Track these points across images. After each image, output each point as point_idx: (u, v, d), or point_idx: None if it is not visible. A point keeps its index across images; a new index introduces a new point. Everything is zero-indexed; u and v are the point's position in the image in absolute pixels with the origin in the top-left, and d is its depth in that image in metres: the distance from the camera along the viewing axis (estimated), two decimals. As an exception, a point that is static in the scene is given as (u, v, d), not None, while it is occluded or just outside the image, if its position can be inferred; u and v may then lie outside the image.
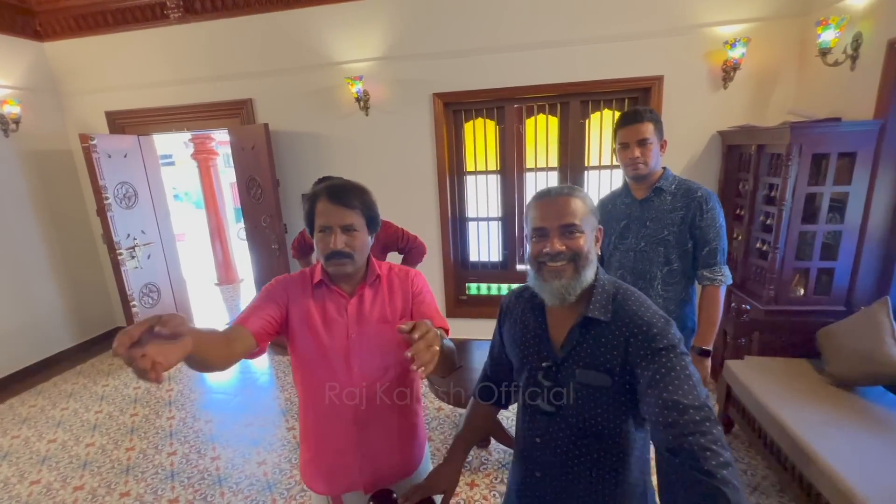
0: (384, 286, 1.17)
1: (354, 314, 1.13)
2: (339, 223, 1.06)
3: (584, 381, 0.90)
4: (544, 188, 0.96)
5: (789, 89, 2.75)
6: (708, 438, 0.70)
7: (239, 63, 3.45)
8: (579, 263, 0.89)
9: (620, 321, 0.88)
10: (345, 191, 1.07)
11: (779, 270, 2.35)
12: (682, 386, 0.76)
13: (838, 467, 1.61)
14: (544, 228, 0.90)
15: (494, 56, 3.08)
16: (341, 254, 1.06)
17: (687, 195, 1.60)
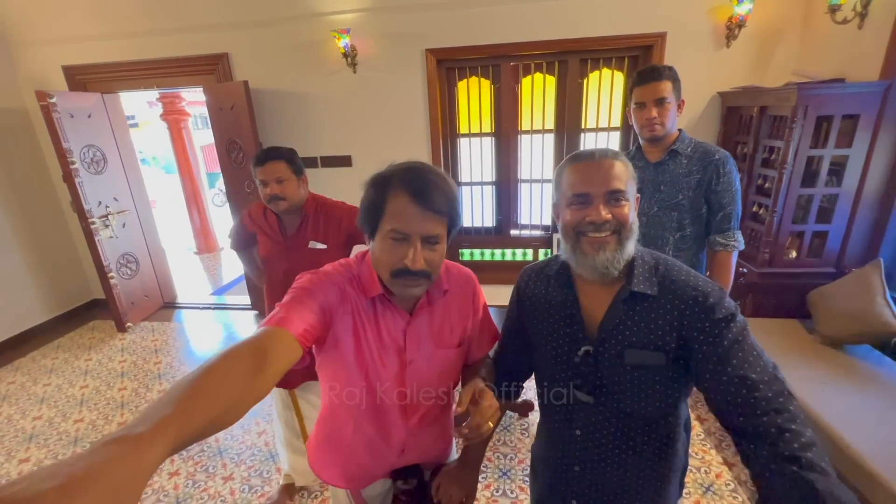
0: (445, 300, 0.97)
1: (414, 338, 0.93)
2: (422, 233, 0.81)
3: (636, 362, 0.82)
4: (583, 150, 0.87)
5: (792, 49, 2.69)
6: (784, 417, 0.65)
7: (213, 13, 3.15)
8: (623, 234, 0.81)
9: (671, 293, 0.81)
10: (433, 188, 0.80)
11: (775, 234, 2.38)
12: (748, 359, 0.71)
13: (832, 422, 1.68)
14: (587, 195, 0.81)
15: (491, 9, 2.90)
16: (418, 274, 0.82)
17: (704, 158, 1.56)
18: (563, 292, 0.91)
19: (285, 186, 1.61)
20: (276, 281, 1.75)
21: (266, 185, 1.60)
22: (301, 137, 3.36)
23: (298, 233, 1.70)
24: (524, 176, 3.41)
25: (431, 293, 0.95)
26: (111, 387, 2.95)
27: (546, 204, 3.44)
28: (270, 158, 1.59)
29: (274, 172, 1.58)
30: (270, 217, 1.73)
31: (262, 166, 1.59)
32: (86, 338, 3.65)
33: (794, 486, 0.60)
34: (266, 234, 1.74)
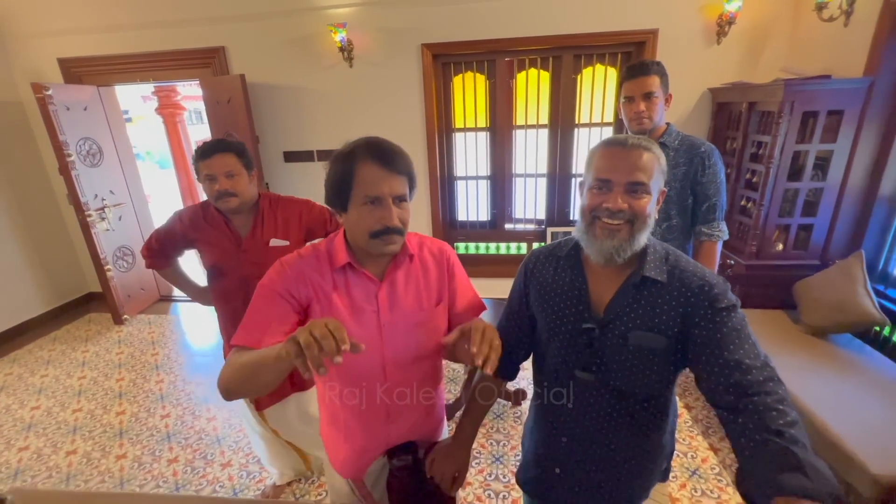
0: (417, 266, 1.02)
1: (386, 301, 0.98)
2: (393, 193, 0.88)
3: (638, 344, 0.87)
4: (618, 136, 0.89)
5: (781, 46, 2.75)
6: (773, 398, 0.70)
7: (210, 6, 3.16)
8: (636, 226, 0.84)
9: (678, 281, 0.86)
10: (393, 153, 0.89)
11: (762, 227, 2.44)
12: (743, 345, 0.76)
13: (815, 408, 1.74)
14: (609, 181, 0.84)
15: (486, 5, 2.93)
16: (394, 230, 0.90)
17: (690, 151, 1.61)
18: (573, 273, 0.94)
19: (236, 182, 1.45)
20: (231, 291, 1.55)
21: (214, 181, 1.43)
22: (297, 131, 3.39)
23: (255, 232, 1.54)
24: (518, 170, 3.45)
25: (398, 258, 0.99)
26: (109, 377, 2.97)
27: (540, 198, 3.49)
28: (219, 151, 1.44)
29: (223, 166, 1.43)
30: (214, 219, 1.54)
31: (209, 159, 1.43)
32: (82, 330, 3.66)
33: (777, 455, 0.65)
34: (211, 240, 1.55)
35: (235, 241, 1.54)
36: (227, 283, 1.56)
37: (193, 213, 1.58)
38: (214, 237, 1.54)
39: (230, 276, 1.55)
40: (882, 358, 2.00)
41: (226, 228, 1.54)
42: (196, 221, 1.56)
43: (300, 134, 3.38)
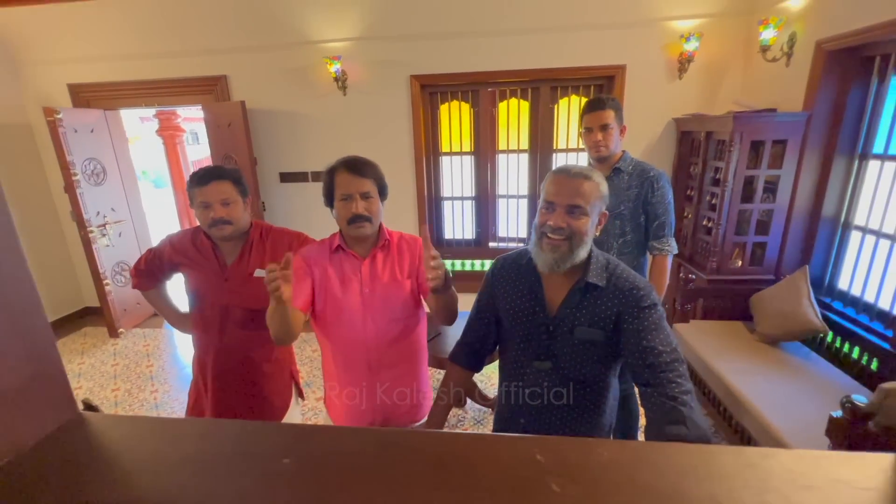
0: (394, 250, 1.34)
1: (368, 274, 1.30)
2: (359, 190, 1.23)
3: (582, 338, 1.04)
4: (566, 165, 1.06)
5: (736, 81, 3.03)
6: (674, 374, 0.92)
7: (213, 38, 3.40)
8: (574, 242, 1.01)
9: (614, 286, 1.04)
10: (360, 163, 1.26)
11: (721, 244, 2.66)
12: (659, 335, 0.97)
13: (761, 407, 1.92)
14: (553, 203, 1.02)
15: (470, 41, 3.20)
16: (362, 217, 1.24)
17: (641, 175, 1.82)
18: (531, 279, 1.12)
19: (231, 209, 1.44)
20: (210, 319, 1.53)
21: (209, 208, 1.41)
22: (293, 153, 3.60)
23: (241, 261, 1.51)
24: (501, 192, 3.68)
25: (378, 244, 1.33)
26: (104, 388, 3.07)
27: (522, 217, 3.70)
28: (215, 178, 1.42)
29: (219, 194, 1.41)
30: (202, 244, 1.53)
31: (205, 186, 1.41)
32: (78, 343, 3.76)
33: (668, 413, 0.88)
34: (196, 265, 1.52)
35: (219, 269, 1.51)
36: (206, 310, 1.53)
37: (182, 237, 1.56)
38: (199, 262, 1.52)
39: (210, 304, 1.52)
40: (825, 363, 2.19)
41: (212, 255, 1.51)
42: (184, 245, 1.54)
43: (296, 156, 3.59)
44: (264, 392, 1.59)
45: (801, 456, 0.32)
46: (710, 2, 2.92)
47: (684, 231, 3.11)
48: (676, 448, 0.33)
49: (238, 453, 0.35)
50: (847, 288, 2.39)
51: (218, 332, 1.52)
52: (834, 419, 1.48)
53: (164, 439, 0.39)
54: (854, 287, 2.35)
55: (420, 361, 1.43)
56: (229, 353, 1.54)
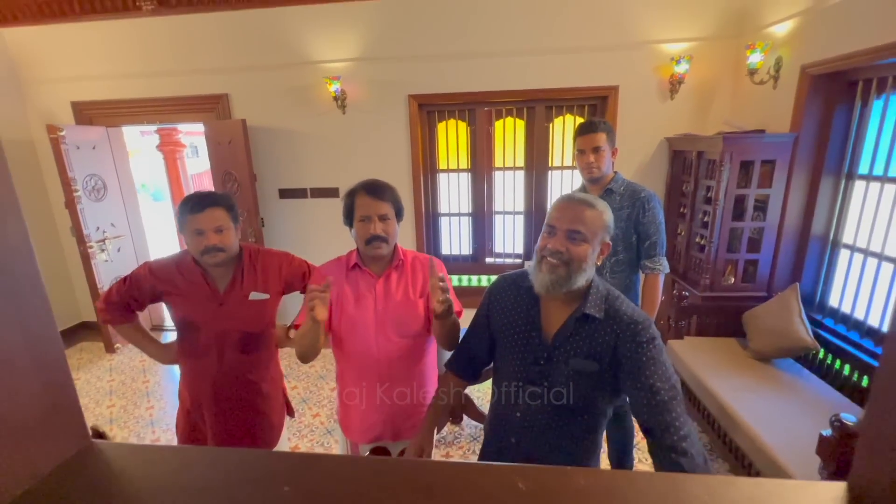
0: (408, 270, 1.41)
1: (382, 292, 1.37)
2: (377, 213, 1.31)
3: (577, 368, 1.04)
4: (572, 193, 1.09)
5: (726, 102, 3.11)
6: (672, 416, 0.93)
7: (215, 58, 3.48)
8: (572, 268, 1.01)
9: (611, 318, 1.03)
10: (378, 187, 1.34)
11: (713, 261, 2.70)
12: (657, 371, 0.97)
13: (754, 425, 1.94)
14: (555, 227, 1.03)
15: (467, 61, 3.28)
16: (379, 238, 1.32)
17: (632, 196, 1.87)
18: (529, 303, 1.12)
19: (225, 236, 1.42)
20: (205, 346, 1.48)
21: (202, 235, 1.38)
22: (292, 170, 3.65)
23: (234, 285, 1.49)
24: (498, 208, 3.73)
25: (393, 263, 1.39)
26: (100, 404, 3.06)
27: (518, 234, 3.75)
28: (210, 205, 1.40)
29: (214, 221, 1.39)
30: (190, 272, 1.47)
31: (200, 213, 1.38)
32: (74, 358, 3.75)
33: (671, 466, 0.91)
34: (185, 293, 1.46)
35: (213, 295, 1.47)
36: (201, 338, 1.48)
37: (165, 265, 1.49)
38: (189, 290, 1.46)
39: (205, 330, 1.48)
40: (817, 380, 2.22)
41: (203, 281, 1.46)
42: (168, 273, 1.47)
43: (295, 172, 3.64)
44: (265, 412, 1.61)
45: (761, 484, 0.35)
46: (699, 26, 3.01)
47: (678, 248, 3.16)
48: (647, 477, 0.35)
49: (244, 480, 0.38)
50: (838, 305, 2.43)
51: (216, 359, 1.51)
52: (824, 438, 1.50)
53: (173, 468, 0.42)
54: (844, 304, 2.39)
55: (429, 378, 1.47)
56: (228, 377, 1.53)
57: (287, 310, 3.97)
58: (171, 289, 1.47)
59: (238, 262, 1.52)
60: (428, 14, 3.22)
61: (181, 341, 1.55)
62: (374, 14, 3.25)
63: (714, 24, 2.99)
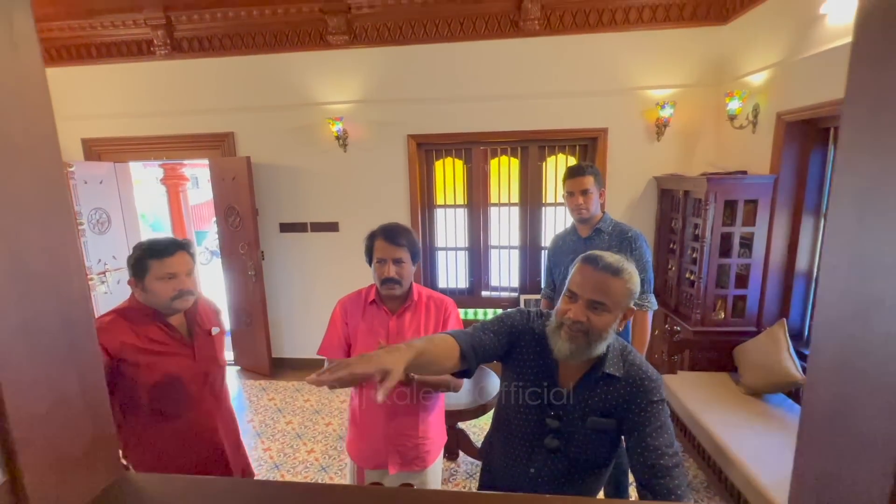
0: (421, 310, 1.50)
1: (394, 330, 1.46)
2: (392, 256, 1.41)
3: (594, 426, 1.03)
4: (598, 255, 0.99)
5: (709, 144, 3.27)
6: (675, 483, 0.93)
7: (222, 98, 3.64)
8: (591, 338, 0.98)
9: (629, 376, 1.03)
10: (396, 232, 1.44)
11: (703, 297, 2.77)
12: (663, 434, 0.98)
13: (746, 460, 1.96)
14: (576, 294, 0.99)
15: (464, 104, 3.46)
16: (392, 280, 1.41)
17: (620, 235, 1.96)
18: (549, 356, 1.07)
19: (193, 280, 1.39)
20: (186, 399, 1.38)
21: (174, 279, 1.34)
22: (294, 204, 3.75)
23: (194, 326, 1.45)
24: (493, 243, 3.82)
25: (407, 302, 1.48)
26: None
27: (514, 268, 3.83)
28: (180, 248, 1.36)
29: (185, 265, 1.36)
30: (145, 325, 1.35)
31: (170, 257, 1.33)
32: (67, 392, 3.71)
33: None
34: (151, 351, 1.34)
35: (185, 342, 1.41)
36: (175, 401, 1.37)
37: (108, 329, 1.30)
38: (154, 347, 1.35)
39: (183, 388, 1.37)
40: (808, 416, 2.24)
41: (168, 331, 1.38)
42: (118, 336, 1.30)
43: (296, 207, 3.75)
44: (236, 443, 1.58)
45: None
46: (682, 74, 3.21)
47: (669, 283, 3.23)
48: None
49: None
50: (825, 340, 2.48)
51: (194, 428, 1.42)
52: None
53: (198, 497, 0.47)
54: (831, 340, 2.44)
55: (433, 416, 1.53)
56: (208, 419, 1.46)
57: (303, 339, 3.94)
58: (130, 354, 1.29)
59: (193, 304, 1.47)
60: (427, 60, 3.41)
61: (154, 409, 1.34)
62: (376, 59, 3.44)
63: (695, 72, 3.19)
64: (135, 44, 3.60)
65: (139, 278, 1.34)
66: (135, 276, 1.35)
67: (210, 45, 3.56)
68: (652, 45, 3.19)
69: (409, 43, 3.39)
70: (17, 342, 0.39)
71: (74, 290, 0.45)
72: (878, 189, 0.30)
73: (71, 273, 0.45)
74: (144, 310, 1.36)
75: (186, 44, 3.57)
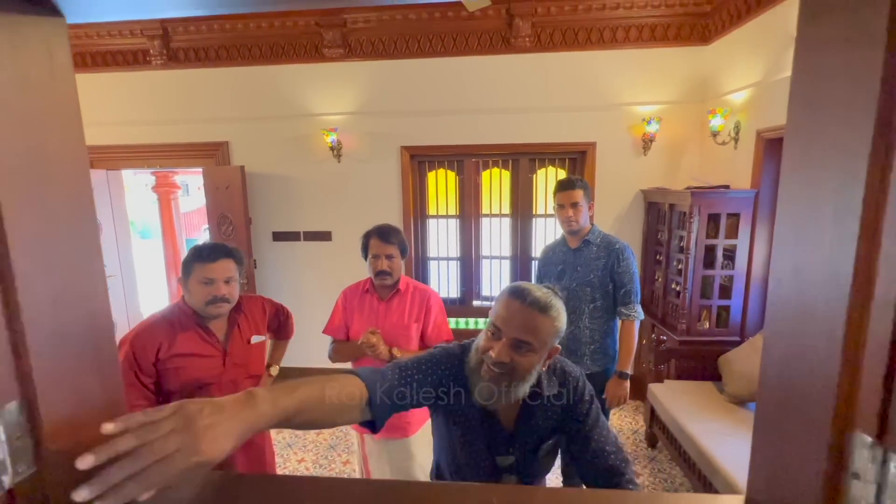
0: (407, 297, 1.78)
1: (383, 313, 1.76)
2: (384, 253, 1.70)
3: (547, 452, 1.03)
4: (525, 288, 0.90)
5: (694, 159, 3.38)
6: (625, 479, 0.93)
7: (217, 108, 3.68)
8: (514, 379, 0.89)
9: (563, 386, 1.00)
10: (388, 232, 1.73)
11: (688, 307, 2.85)
12: (604, 433, 0.97)
13: (732, 470, 2.01)
14: (500, 331, 0.88)
15: (456, 117, 3.53)
16: (384, 272, 1.71)
17: (608, 247, 2.03)
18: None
19: (232, 288, 1.44)
20: None
21: (211, 284, 1.39)
22: (287, 214, 3.78)
23: (234, 334, 1.50)
24: (485, 253, 3.88)
25: (395, 291, 1.77)
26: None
27: (504, 277, 3.88)
28: (223, 255, 1.42)
29: (225, 272, 1.41)
30: (186, 327, 1.41)
31: (212, 263, 1.39)
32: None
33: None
34: (187, 353, 1.40)
35: (219, 349, 1.46)
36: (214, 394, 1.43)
37: (154, 329, 1.38)
38: (192, 348, 1.40)
39: (215, 387, 1.41)
40: (789, 423, 2.31)
41: (205, 336, 1.44)
42: (160, 336, 1.37)
43: (289, 216, 3.77)
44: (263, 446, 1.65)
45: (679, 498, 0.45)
46: (667, 91, 3.32)
47: (656, 293, 3.31)
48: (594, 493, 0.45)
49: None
50: (805, 350, 2.56)
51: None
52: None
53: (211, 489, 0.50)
54: (811, 349, 2.52)
55: None
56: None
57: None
58: (170, 353, 1.36)
59: (234, 310, 1.52)
60: (420, 74, 3.49)
61: None
62: (371, 72, 3.51)
63: (680, 90, 3.31)
64: (131, 53, 3.64)
65: (185, 279, 1.42)
66: (182, 277, 1.43)
67: (206, 56, 3.61)
68: (638, 63, 3.30)
69: (404, 57, 3.47)
70: (50, 347, 0.42)
71: (99, 296, 0.48)
72: (809, 214, 0.36)
73: (96, 281, 0.49)
74: (187, 311, 1.43)
75: (183, 54, 3.61)
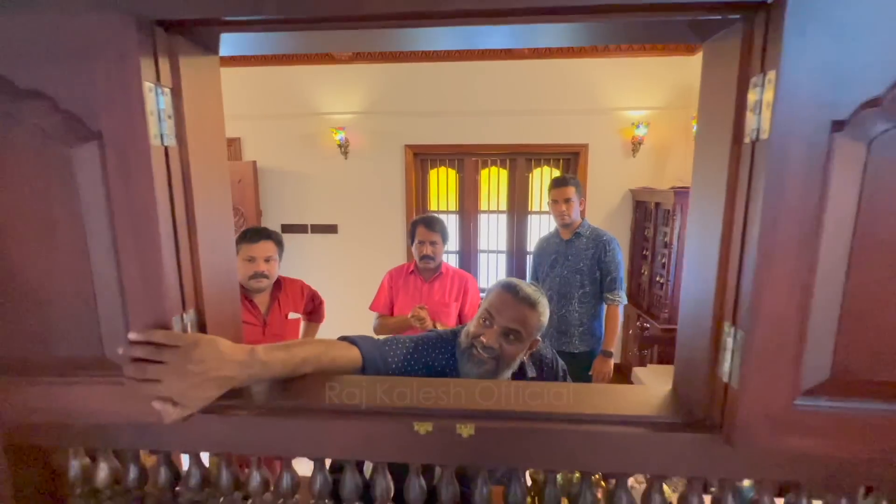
0: (447, 281, 2.05)
1: (426, 293, 2.01)
2: (429, 239, 1.98)
3: None
4: (518, 284, 0.98)
5: (679, 161, 3.62)
6: None
7: (230, 105, 3.77)
8: (501, 365, 0.96)
9: (540, 368, 1.07)
10: (432, 221, 2.02)
11: (670, 298, 3.08)
12: None
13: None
14: (493, 319, 0.96)
15: (458, 118, 3.74)
16: (428, 257, 1.98)
17: (597, 239, 2.25)
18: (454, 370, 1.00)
19: (271, 266, 1.69)
20: None
21: (253, 262, 1.65)
22: (296, 207, 3.97)
23: (274, 308, 1.75)
24: (483, 247, 4.10)
25: (438, 273, 2.05)
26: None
27: (501, 271, 4.11)
28: (264, 238, 1.68)
29: (265, 251, 1.67)
30: (243, 300, 1.62)
31: (255, 244, 1.65)
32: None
33: None
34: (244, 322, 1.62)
35: (260, 319, 1.73)
36: None
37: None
38: (244, 318, 1.57)
39: None
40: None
41: (250, 307, 1.70)
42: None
43: (298, 209, 3.97)
44: None
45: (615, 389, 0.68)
46: (654, 98, 3.56)
47: (642, 285, 3.55)
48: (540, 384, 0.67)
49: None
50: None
51: None
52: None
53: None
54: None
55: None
56: None
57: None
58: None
59: (276, 288, 1.81)
60: (425, 76, 3.70)
61: None
62: (378, 74, 3.71)
63: (667, 96, 3.54)
64: (148, 52, 3.79)
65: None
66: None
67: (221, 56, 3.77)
68: (629, 71, 3.53)
69: (409, 60, 3.67)
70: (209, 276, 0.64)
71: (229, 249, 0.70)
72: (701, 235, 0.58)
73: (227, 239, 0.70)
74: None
75: (198, 53, 3.77)
